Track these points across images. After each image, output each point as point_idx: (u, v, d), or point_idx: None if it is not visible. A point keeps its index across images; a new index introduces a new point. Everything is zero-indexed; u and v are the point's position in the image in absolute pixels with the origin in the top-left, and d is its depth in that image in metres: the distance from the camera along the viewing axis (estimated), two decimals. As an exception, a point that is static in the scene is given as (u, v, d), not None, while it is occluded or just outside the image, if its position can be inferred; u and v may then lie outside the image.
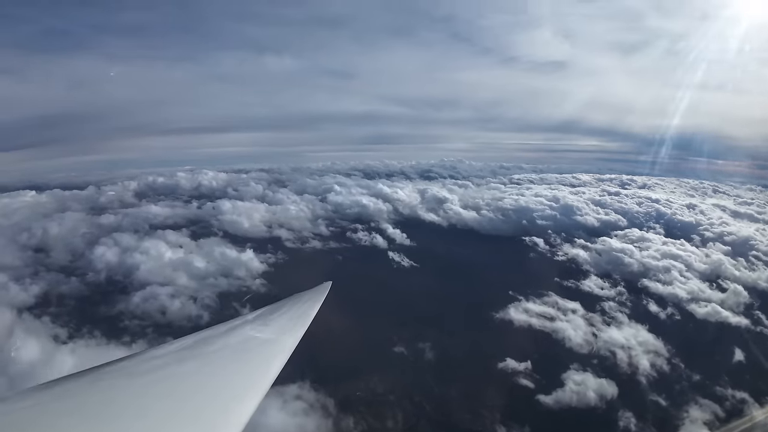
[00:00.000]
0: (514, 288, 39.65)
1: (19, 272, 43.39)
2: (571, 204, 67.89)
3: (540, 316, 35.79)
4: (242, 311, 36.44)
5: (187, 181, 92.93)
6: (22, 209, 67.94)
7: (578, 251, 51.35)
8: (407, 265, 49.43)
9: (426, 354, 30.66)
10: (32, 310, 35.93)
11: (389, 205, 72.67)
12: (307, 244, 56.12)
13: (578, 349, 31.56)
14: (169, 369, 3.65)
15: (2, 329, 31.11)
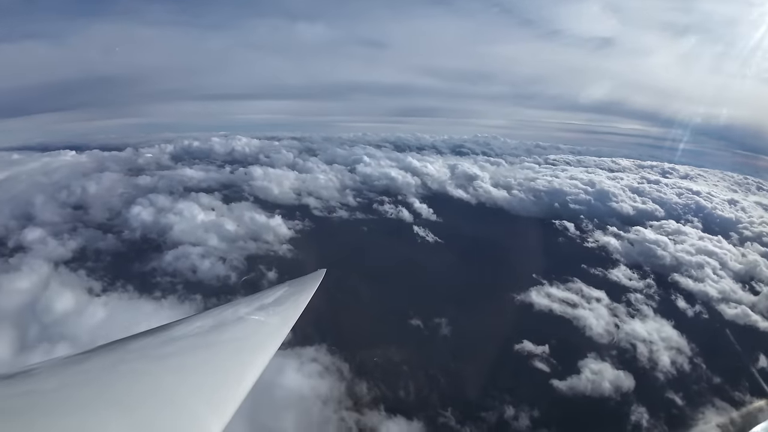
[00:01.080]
0: (539, 271, 39.06)
1: (57, 228, 45.82)
2: (607, 189, 65.09)
3: (562, 301, 35.25)
4: (266, 274, 37.75)
5: (221, 146, 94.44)
6: (63, 168, 71.32)
7: (609, 239, 49.70)
8: (431, 241, 49.42)
9: (442, 329, 31.00)
10: (69, 264, 38.14)
11: (418, 179, 72.06)
12: (334, 213, 56.69)
13: (598, 338, 31.08)
14: (160, 354, 3.64)
15: (39, 281, 33.43)
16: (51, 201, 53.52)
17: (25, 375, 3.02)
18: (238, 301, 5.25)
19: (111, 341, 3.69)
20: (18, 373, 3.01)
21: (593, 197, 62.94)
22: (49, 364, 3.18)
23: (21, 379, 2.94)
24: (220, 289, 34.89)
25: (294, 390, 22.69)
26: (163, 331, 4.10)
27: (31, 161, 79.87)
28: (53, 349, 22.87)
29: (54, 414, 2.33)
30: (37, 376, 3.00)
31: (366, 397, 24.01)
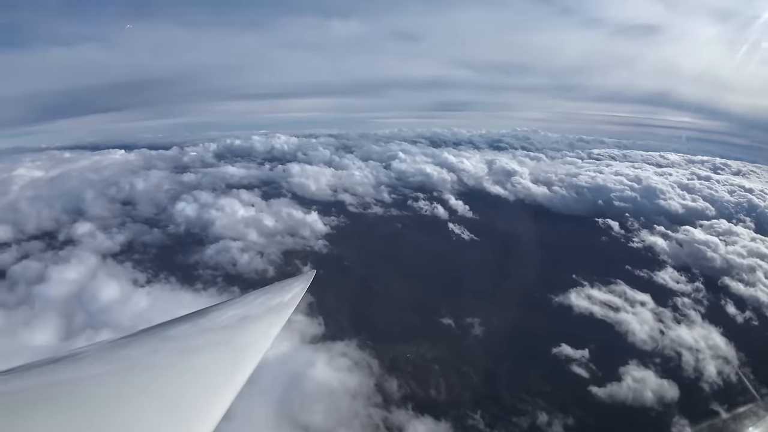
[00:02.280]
0: (580, 272, 37.67)
1: (106, 222, 48.86)
2: (655, 186, 61.82)
3: (604, 304, 33.84)
4: (303, 269, 38.41)
5: (261, 144, 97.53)
6: (112, 166, 75.74)
7: (656, 239, 47.23)
8: (467, 238, 48.73)
9: (475, 329, 30.45)
10: (116, 257, 40.44)
11: (454, 175, 71.18)
12: (369, 210, 57.01)
13: (641, 344, 29.62)
14: (146, 354, 3.65)
15: (86, 273, 35.49)
16: (101, 197, 57.01)
17: (10, 374, 2.99)
18: (229, 301, 5.24)
19: (97, 342, 3.73)
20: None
21: (640, 194, 60.03)
22: (29, 367, 3.13)
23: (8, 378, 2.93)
24: (258, 282, 35.87)
25: (323, 383, 23.02)
26: (152, 332, 4.11)
27: (83, 159, 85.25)
28: (96, 336, 24.09)
29: (32, 414, 2.33)
30: (18, 378, 2.98)
31: (395, 395, 23.99)
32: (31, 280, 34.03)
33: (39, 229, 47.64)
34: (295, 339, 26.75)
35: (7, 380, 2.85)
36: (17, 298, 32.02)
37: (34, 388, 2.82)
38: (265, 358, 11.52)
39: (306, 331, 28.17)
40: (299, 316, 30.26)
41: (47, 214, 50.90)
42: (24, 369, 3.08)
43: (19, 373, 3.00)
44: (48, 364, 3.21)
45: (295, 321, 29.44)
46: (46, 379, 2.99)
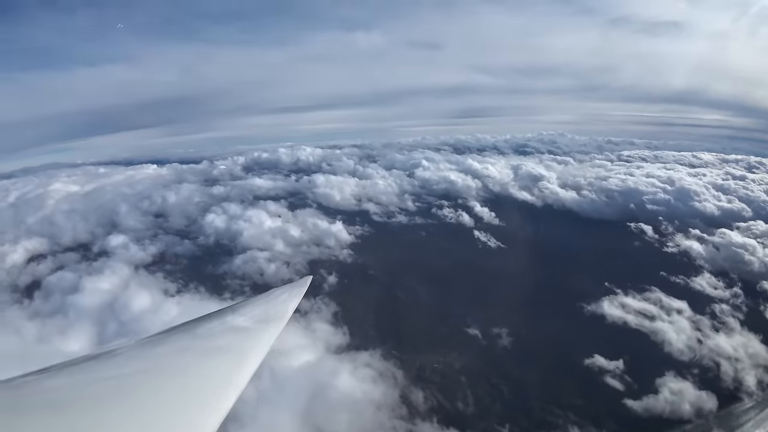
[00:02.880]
0: (612, 279, 36.48)
1: (139, 234, 50.82)
2: (689, 188, 59.32)
3: (638, 313, 32.58)
4: (327, 278, 38.61)
5: (287, 156, 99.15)
6: (145, 180, 78.57)
7: (692, 243, 45.22)
8: (493, 246, 47.88)
9: (502, 340, 29.78)
10: (148, 267, 41.80)
11: (478, 181, 70.27)
12: (393, 218, 56.87)
13: (678, 354, 28.35)
14: (148, 361, 3.70)
15: (119, 283, 36.72)
16: (134, 210, 59.35)
17: (19, 382, 3.08)
18: (226, 308, 5.27)
19: (99, 350, 3.79)
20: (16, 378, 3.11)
21: (673, 197, 57.66)
22: (34, 376, 3.20)
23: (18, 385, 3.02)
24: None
25: (347, 394, 22.98)
26: (151, 339, 4.18)
27: (117, 174, 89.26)
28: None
29: (36, 416, 2.43)
30: (25, 385, 3.06)
31: (420, 406, 23.67)
32: (65, 290, 35.55)
33: (74, 242, 49.90)
34: (319, 348, 26.87)
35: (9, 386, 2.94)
36: (52, 307, 33.47)
37: (32, 394, 2.90)
38: (290, 367, 11.62)
39: (331, 340, 28.26)
40: (324, 325, 30.41)
41: (82, 227, 53.42)
42: (26, 376, 3.13)
43: (24, 380, 3.06)
44: (45, 372, 3.25)
45: (320, 330, 29.61)
46: (45, 385, 3.06)
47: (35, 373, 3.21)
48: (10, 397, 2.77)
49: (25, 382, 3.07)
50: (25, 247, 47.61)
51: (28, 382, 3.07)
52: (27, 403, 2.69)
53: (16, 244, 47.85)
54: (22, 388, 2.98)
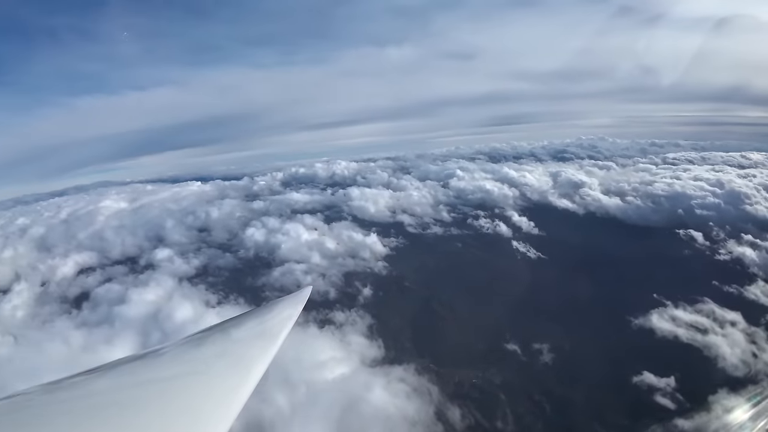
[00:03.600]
0: (661, 290, 34.64)
1: (184, 248, 53.17)
2: (739, 190, 55.47)
3: (690, 326, 30.71)
4: (362, 290, 38.67)
5: (323, 170, 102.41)
6: (190, 196, 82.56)
7: (745, 249, 42.29)
8: (533, 257, 46.58)
9: (543, 356, 28.70)
10: (192, 280, 43.43)
11: (516, 190, 68.76)
12: (428, 230, 56.46)
13: (732, 370, 26.55)
14: (150, 375, 3.74)
15: (164, 295, 38.29)
16: (179, 225, 62.16)
17: (34, 394, 3.21)
18: (227, 321, 5.31)
19: (104, 364, 3.90)
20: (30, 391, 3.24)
21: (723, 200, 54.15)
22: (40, 389, 3.32)
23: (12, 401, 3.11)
24: (320, 303, 36.69)
25: (381, 408, 22.74)
26: (152, 354, 4.25)
27: (163, 191, 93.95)
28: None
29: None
30: (36, 398, 3.19)
31: (457, 424, 23.12)
32: (112, 301, 37.52)
33: (122, 255, 52.89)
34: (354, 361, 26.82)
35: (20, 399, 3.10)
36: (99, 317, 35.37)
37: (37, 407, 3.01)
38: (325, 379, 11.59)
39: (365, 353, 28.18)
40: (359, 337, 30.38)
41: (130, 241, 56.58)
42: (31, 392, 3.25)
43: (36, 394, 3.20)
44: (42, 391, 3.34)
45: (355, 343, 29.59)
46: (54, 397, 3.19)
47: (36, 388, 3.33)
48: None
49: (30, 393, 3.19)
50: (76, 260, 50.93)
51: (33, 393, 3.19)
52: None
53: (67, 258, 51.42)
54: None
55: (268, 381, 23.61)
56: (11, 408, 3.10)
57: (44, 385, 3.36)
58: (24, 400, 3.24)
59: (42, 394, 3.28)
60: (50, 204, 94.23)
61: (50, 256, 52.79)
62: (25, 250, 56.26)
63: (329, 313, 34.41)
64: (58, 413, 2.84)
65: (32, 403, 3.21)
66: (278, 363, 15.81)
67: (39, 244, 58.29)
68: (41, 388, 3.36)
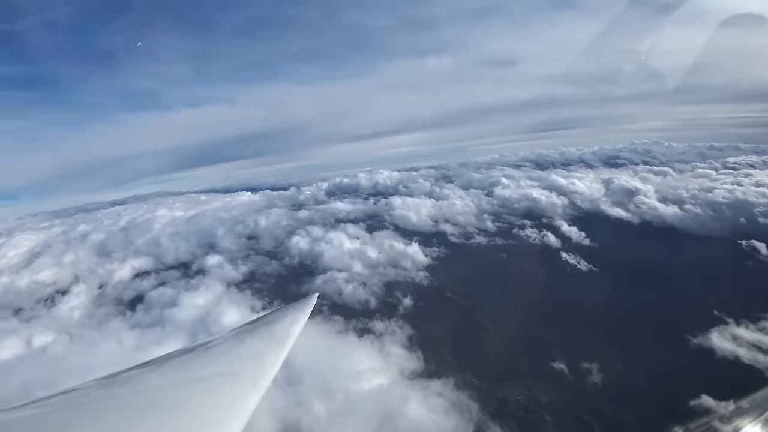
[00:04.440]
0: (722, 307, 32.09)
1: (233, 255, 55.59)
2: (807, 196, 50.70)
3: (752, 346, 28.25)
4: (402, 300, 38.53)
5: (366, 180, 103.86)
6: (240, 206, 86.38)
7: (815, 262, 38.15)
8: (584, 269, 44.59)
9: (592, 376, 27.27)
10: (239, 285, 45.28)
11: (564, 198, 66.10)
12: (472, 239, 55.51)
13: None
14: (159, 383, 3.89)
15: (212, 299, 40.17)
16: (229, 233, 64.99)
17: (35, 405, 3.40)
18: (234, 329, 5.42)
19: (115, 372, 4.10)
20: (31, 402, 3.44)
21: (789, 207, 49.42)
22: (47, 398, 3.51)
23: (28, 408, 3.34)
24: (360, 312, 37.01)
25: (417, 422, 22.37)
26: (159, 362, 4.40)
27: (216, 201, 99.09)
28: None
29: None
30: (40, 407, 3.38)
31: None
32: (164, 305, 39.81)
33: (176, 261, 56.16)
34: (393, 372, 26.68)
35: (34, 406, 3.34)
36: (151, 319, 37.52)
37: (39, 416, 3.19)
38: (362, 389, 11.69)
39: (404, 365, 27.96)
40: (398, 348, 30.24)
41: (184, 248, 59.99)
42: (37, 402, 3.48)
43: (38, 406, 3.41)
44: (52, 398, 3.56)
45: (394, 354, 29.46)
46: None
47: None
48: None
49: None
50: (132, 264, 54.76)
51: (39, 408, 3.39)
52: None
53: (124, 262, 55.37)
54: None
55: (307, 386, 24.07)
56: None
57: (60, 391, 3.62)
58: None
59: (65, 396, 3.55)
60: (110, 212, 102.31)
61: (108, 261, 57.06)
62: (85, 254, 61.22)
63: (369, 322, 34.57)
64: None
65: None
66: (317, 369, 16.09)
67: (98, 249, 63.28)
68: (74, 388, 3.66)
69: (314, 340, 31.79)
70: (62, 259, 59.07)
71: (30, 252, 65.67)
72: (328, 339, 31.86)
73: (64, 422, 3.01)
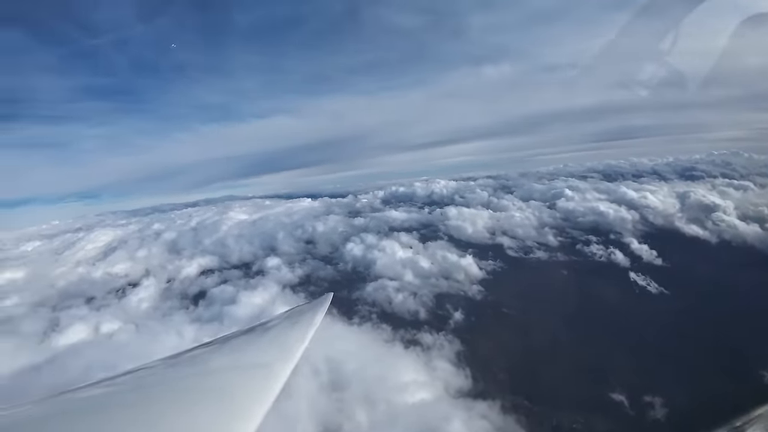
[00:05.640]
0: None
1: (291, 258, 57.83)
2: None
3: None
4: (453, 314, 37.47)
5: (422, 189, 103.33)
6: (301, 211, 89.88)
7: None
8: (654, 291, 41.07)
9: (655, 411, 24.88)
10: (294, 288, 46.73)
11: (635, 213, 61.29)
12: (531, 254, 53.16)
13: None
14: (167, 382, 3.85)
15: (268, 299, 41.93)
16: (289, 237, 67.86)
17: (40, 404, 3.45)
18: (248, 329, 5.42)
19: (133, 368, 4.17)
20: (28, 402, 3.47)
21: None
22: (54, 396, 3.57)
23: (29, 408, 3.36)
24: (409, 322, 36.52)
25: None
26: (172, 360, 4.45)
27: (278, 206, 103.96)
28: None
29: None
30: (44, 405, 3.43)
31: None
32: (225, 302, 41.99)
33: (239, 261, 59.25)
34: (438, 388, 25.86)
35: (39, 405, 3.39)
36: (211, 315, 39.68)
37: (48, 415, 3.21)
38: (405, 402, 11.22)
39: (451, 381, 27.07)
40: (445, 363, 29.34)
41: (247, 249, 63.30)
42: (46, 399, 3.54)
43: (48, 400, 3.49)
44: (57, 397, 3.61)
45: (441, 369, 28.60)
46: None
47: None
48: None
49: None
50: (199, 262, 58.60)
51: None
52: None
53: (192, 260, 59.39)
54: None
55: (351, 392, 23.94)
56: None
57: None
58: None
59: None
60: (183, 213, 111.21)
61: (178, 258, 61.59)
62: (157, 251, 66.68)
63: (417, 334, 33.98)
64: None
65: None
66: (362, 376, 15.85)
67: (170, 247, 68.65)
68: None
69: (361, 347, 31.83)
70: (136, 254, 64.80)
71: (107, 246, 73.01)
72: (374, 347, 31.72)
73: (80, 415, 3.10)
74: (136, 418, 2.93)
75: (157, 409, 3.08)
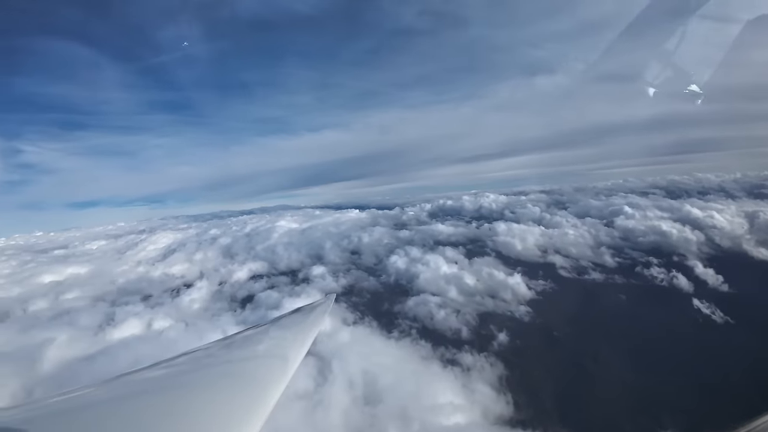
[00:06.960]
0: None
1: (336, 267, 58.73)
2: None
3: None
4: (497, 335, 36.09)
5: (470, 203, 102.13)
6: (348, 222, 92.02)
7: None
8: (719, 320, 37.57)
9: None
10: (337, 297, 46.55)
11: (700, 233, 56.80)
12: (585, 275, 50.30)
13: None
14: (172, 382, 3.88)
15: None
16: (336, 247, 69.27)
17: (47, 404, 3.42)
18: (250, 330, 5.49)
19: (131, 370, 4.21)
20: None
21: None
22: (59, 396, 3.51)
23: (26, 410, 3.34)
24: (450, 341, 35.60)
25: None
26: (176, 362, 4.51)
27: (327, 216, 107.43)
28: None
29: None
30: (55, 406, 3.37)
31: None
32: (270, 306, 43.28)
33: (287, 267, 61.14)
34: (475, 413, 24.80)
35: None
36: (256, 318, 40.62)
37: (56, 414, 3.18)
38: (440, 424, 10.93)
39: (490, 407, 25.91)
40: (485, 387, 28.18)
41: (295, 257, 65.33)
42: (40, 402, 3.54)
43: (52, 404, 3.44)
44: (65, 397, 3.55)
45: (480, 392, 27.49)
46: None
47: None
48: None
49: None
50: (250, 267, 61.03)
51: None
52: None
53: (244, 265, 62.00)
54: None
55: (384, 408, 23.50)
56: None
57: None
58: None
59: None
60: (239, 220, 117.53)
61: (231, 262, 64.57)
62: (212, 254, 70.83)
63: (457, 353, 32.92)
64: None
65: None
66: (397, 392, 15.57)
67: (224, 251, 72.54)
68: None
69: (398, 362, 31.32)
70: (193, 256, 68.95)
71: (167, 248, 78.35)
72: (412, 363, 31.10)
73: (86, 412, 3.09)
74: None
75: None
